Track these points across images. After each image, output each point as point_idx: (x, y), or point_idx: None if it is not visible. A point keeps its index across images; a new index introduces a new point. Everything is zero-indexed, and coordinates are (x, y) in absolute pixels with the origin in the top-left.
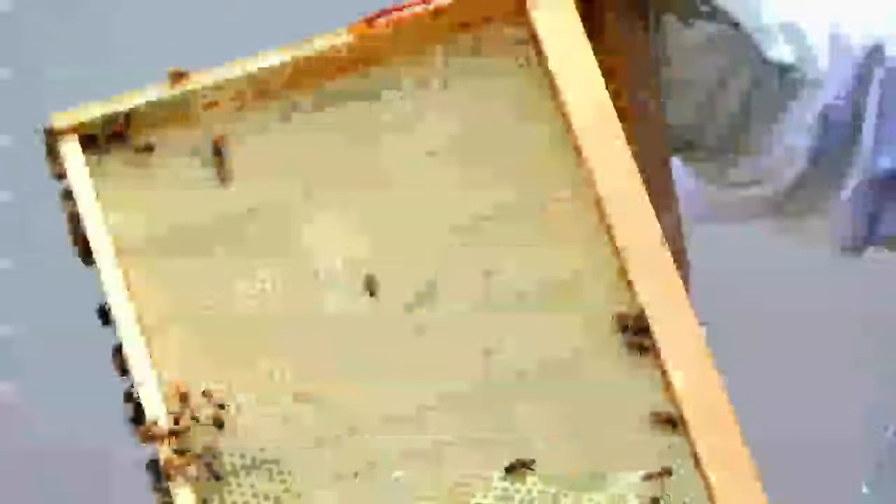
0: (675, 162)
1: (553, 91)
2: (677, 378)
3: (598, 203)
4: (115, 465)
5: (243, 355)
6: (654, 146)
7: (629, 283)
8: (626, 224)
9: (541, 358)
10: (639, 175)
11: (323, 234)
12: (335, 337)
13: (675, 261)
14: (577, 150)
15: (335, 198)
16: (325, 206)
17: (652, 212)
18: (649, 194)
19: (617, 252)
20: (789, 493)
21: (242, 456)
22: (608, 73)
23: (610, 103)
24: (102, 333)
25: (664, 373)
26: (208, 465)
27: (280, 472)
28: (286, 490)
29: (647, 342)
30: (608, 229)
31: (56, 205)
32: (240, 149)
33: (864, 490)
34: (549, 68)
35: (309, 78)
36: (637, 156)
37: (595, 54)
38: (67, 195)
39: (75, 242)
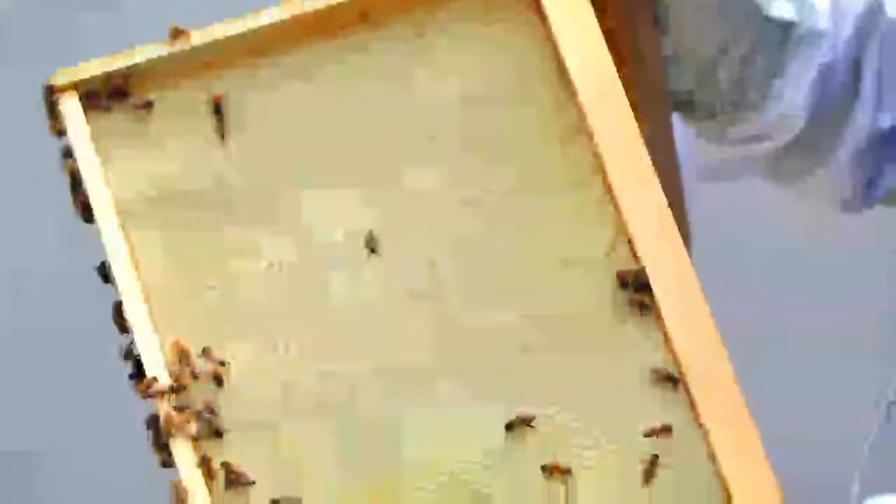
0: (675, 121)
1: (555, 53)
2: (677, 336)
3: (602, 167)
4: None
5: (242, 318)
6: (656, 110)
7: (630, 244)
8: (629, 186)
9: (542, 319)
10: (642, 139)
11: (324, 198)
12: (337, 303)
13: (676, 221)
14: (580, 114)
15: (335, 159)
16: (326, 168)
17: (654, 174)
18: (651, 157)
19: (619, 213)
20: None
21: (241, 415)
22: (610, 38)
23: (612, 66)
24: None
25: (665, 331)
26: (209, 423)
27: (277, 434)
28: (284, 453)
29: (647, 300)
30: (610, 191)
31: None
32: (240, 106)
33: (865, 450)
34: (551, 30)
35: (309, 36)
36: (639, 120)
37: (596, 16)
38: (67, 153)
39: (75, 200)
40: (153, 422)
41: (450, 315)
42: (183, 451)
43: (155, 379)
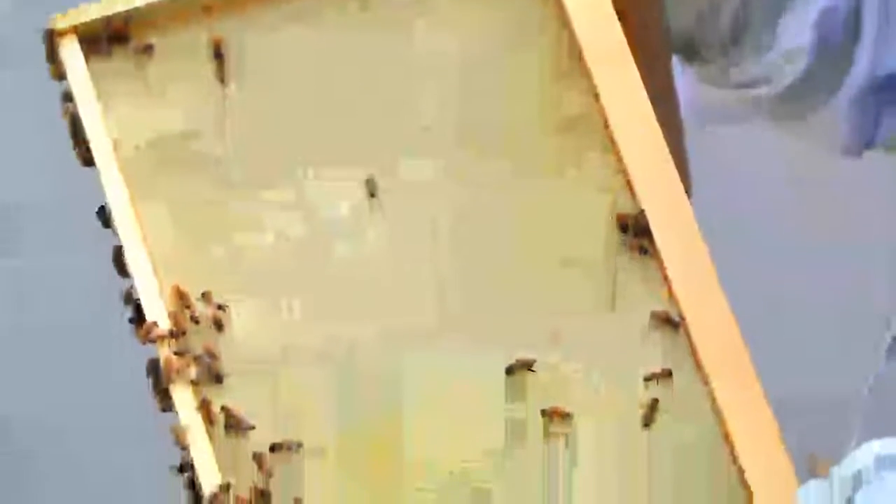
0: (676, 68)
1: (557, 1)
2: (677, 280)
3: (601, 112)
4: None
5: (244, 268)
6: (655, 50)
7: (630, 188)
8: (629, 134)
9: (542, 266)
10: (643, 86)
11: (324, 142)
12: (336, 255)
13: (676, 164)
14: (579, 60)
15: (336, 113)
16: (327, 123)
17: (655, 119)
18: (651, 98)
19: (619, 157)
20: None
21: (242, 360)
22: None
23: (611, 8)
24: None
25: (665, 275)
26: (209, 367)
27: (278, 379)
28: (284, 397)
29: (647, 244)
30: (610, 135)
31: None
32: (240, 51)
33: (866, 392)
34: None
35: None
36: (640, 66)
37: None
38: (68, 96)
39: (76, 145)
40: (153, 367)
41: (451, 268)
42: (183, 396)
43: (155, 324)
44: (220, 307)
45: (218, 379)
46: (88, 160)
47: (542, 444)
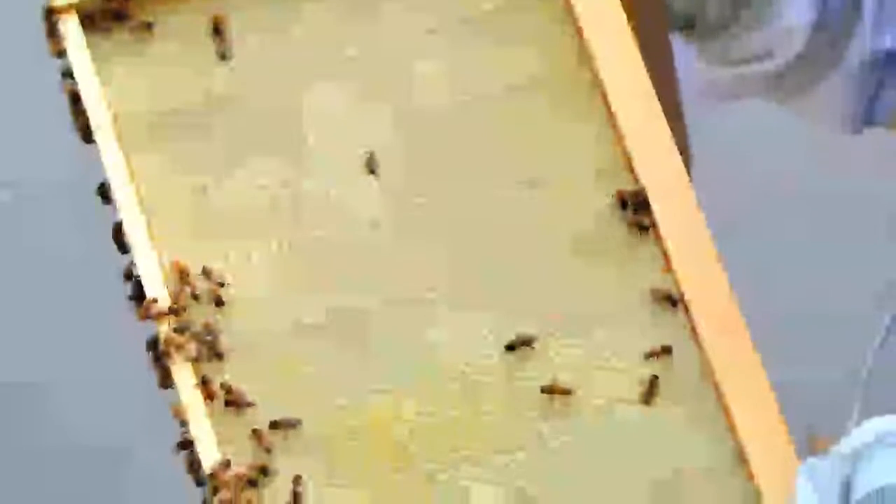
0: (676, 41)
1: None
2: (677, 256)
3: (603, 93)
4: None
5: (240, 239)
6: (654, 24)
7: (629, 164)
8: (628, 109)
9: (543, 246)
10: (640, 56)
11: (322, 113)
12: (333, 223)
13: (675, 140)
14: (579, 34)
15: (335, 76)
16: (324, 84)
17: (653, 93)
18: (650, 74)
19: (618, 133)
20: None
21: (242, 336)
22: None
23: None
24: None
25: (664, 251)
26: (209, 344)
27: (278, 355)
28: (284, 375)
29: (646, 220)
30: (609, 112)
31: None
32: (239, 28)
33: (864, 375)
34: None
35: None
36: (638, 34)
37: None
38: (68, 74)
39: (77, 121)
40: (153, 344)
41: (454, 240)
42: (182, 373)
43: (154, 301)
44: (220, 283)
45: (218, 356)
46: (88, 136)
47: (542, 420)
